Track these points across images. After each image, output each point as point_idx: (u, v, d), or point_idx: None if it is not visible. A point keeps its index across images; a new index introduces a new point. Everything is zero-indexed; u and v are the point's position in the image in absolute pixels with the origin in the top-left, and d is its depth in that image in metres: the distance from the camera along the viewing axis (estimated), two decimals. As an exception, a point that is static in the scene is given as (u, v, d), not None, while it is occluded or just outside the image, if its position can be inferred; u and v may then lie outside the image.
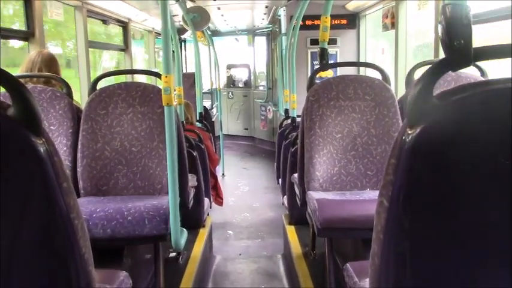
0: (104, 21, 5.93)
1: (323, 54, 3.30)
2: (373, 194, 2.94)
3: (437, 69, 1.13)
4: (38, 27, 3.98)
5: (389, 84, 3.27)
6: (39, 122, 1.16)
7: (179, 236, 2.69)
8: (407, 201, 1.12)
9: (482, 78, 3.28)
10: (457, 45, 1.11)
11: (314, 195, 2.94)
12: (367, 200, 2.82)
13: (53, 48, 5.44)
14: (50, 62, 3.42)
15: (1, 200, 1.13)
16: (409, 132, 1.09)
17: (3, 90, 2.81)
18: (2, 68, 1.20)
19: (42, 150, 1.13)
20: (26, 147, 1.13)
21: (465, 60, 1.12)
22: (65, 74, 3.96)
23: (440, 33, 1.14)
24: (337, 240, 3.02)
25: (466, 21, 1.11)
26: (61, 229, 1.20)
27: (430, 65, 3.41)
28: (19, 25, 4.06)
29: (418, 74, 3.39)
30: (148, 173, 3.13)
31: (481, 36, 3.49)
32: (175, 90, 4.18)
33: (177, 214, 2.65)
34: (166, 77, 2.59)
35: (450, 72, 1.18)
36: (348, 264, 1.82)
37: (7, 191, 1.13)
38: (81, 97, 4.82)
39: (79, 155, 3.09)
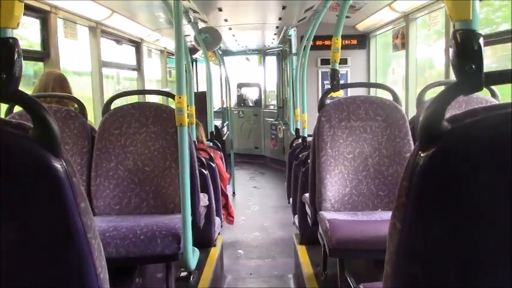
0: (117, 41, 6.03)
1: (334, 75, 3.32)
2: (385, 215, 2.93)
3: (449, 94, 1.14)
4: (53, 49, 4.06)
5: (400, 105, 3.28)
6: (59, 143, 1.18)
7: (191, 255, 2.70)
8: (420, 224, 1.13)
9: (493, 100, 3.29)
10: (468, 70, 1.12)
11: (326, 215, 2.94)
12: (379, 221, 2.81)
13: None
14: (61, 82, 3.48)
15: (19, 220, 1.16)
16: (421, 155, 1.10)
17: (19, 109, 2.86)
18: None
19: (61, 171, 1.16)
20: (45, 168, 1.15)
21: (476, 85, 1.13)
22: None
23: (451, 58, 1.16)
24: (348, 260, 3.00)
25: (477, 46, 1.13)
26: (78, 249, 1.22)
27: (440, 86, 3.43)
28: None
29: (428, 94, 3.41)
30: (160, 192, 3.15)
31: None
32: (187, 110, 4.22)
33: (189, 233, 2.66)
34: (179, 97, 2.63)
35: None
36: (361, 286, 1.82)
37: (26, 210, 1.16)
38: (94, 117, 4.88)
39: (92, 174, 3.12)
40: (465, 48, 1.14)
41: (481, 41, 1.13)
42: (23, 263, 1.18)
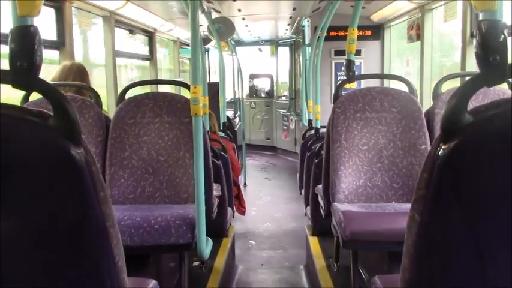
0: (131, 31, 6.03)
1: (350, 66, 3.30)
2: (399, 207, 2.92)
3: (473, 85, 1.13)
4: (68, 37, 4.07)
5: (416, 97, 3.26)
6: (79, 132, 1.19)
7: (205, 245, 2.71)
8: (439, 216, 1.12)
9: (510, 92, 3.25)
10: (492, 61, 1.10)
11: (339, 207, 2.93)
12: (393, 213, 2.80)
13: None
14: (82, 73, 3.55)
15: (40, 208, 1.16)
16: (443, 147, 1.09)
17: (38, 96, 2.88)
18: None
19: (81, 160, 1.16)
20: (65, 156, 1.15)
21: (501, 77, 1.12)
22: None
23: (475, 49, 1.14)
24: (361, 252, 3.00)
25: (502, 37, 1.11)
26: (97, 237, 1.23)
27: (457, 78, 3.38)
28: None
29: (445, 86, 3.37)
30: (174, 182, 3.16)
31: None
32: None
33: (203, 223, 2.67)
34: (194, 87, 2.62)
35: None
36: (376, 278, 1.81)
37: (46, 198, 1.16)
38: (107, 106, 4.90)
39: (107, 163, 3.14)
40: (490, 39, 1.12)
41: (506, 31, 1.12)
42: (42, 250, 1.18)
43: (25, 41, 1.20)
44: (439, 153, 1.10)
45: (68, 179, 1.17)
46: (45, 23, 3.98)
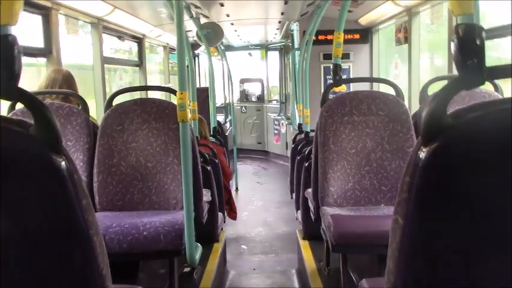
0: (119, 37, 6.01)
1: (336, 70, 3.32)
2: (387, 210, 2.93)
3: (451, 88, 1.13)
4: (55, 45, 4.05)
5: (403, 100, 3.27)
6: (60, 140, 1.18)
7: (194, 251, 2.70)
8: (422, 219, 1.12)
9: (496, 94, 3.27)
10: (470, 65, 1.11)
11: (328, 210, 2.94)
12: (381, 216, 2.81)
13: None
14: (69, 80, 3.51)
15: (21, 217, 1.16)
16: (424, 150, 1.10)
17: (21, 106, 2.86)
18: None
19: (62, 168, 1.16)
20: (46, 165, 1.15)
21: (478, 80, 1.13)
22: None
23: (453, 52, 1.15)
24: (351, 255, 3.00)
25: (479, 40, 1.12)
26: (80, 245, 1.22)
27: (444, 80, 3.42)
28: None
29: (431, 89, 3.39)
30: (163, 188, 3.15)
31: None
32: (189, 106, 4.21)
33: (192, 229, 2.67)
34: (181, 93, 2.63)
35: None
36: (363, 281, 1.81)
37: (27, 207, 1.16)
38: (96, 113, 4.88)
39: (95, 170, 3.13)
40: (467, 42, 1.13)
41: (484, 35, 1.13)
42: (25, 260, 1.18)
43: (4, 51, 1.20)
44: (420, 156, 1.10)
45: (50, 187, 1.17)
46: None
